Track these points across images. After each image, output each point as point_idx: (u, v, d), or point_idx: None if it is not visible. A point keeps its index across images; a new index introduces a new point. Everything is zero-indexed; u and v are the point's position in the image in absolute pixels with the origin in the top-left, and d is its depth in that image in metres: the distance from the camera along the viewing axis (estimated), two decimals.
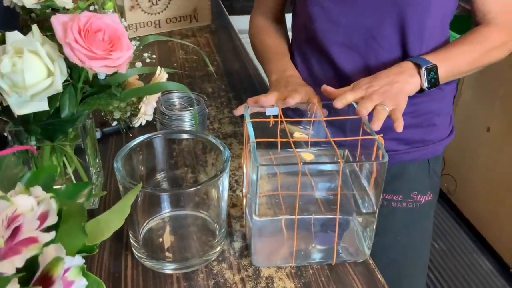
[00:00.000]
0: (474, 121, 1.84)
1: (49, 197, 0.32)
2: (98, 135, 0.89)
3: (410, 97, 0.84)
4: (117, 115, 0.68)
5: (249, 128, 0.62)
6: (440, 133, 0.90)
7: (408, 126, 0.87)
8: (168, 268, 0.62)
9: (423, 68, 0.73)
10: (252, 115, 0.66)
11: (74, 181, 0.72)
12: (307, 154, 0.77)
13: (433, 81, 0.75)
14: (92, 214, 0.53)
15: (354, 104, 0.68)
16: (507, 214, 1.75)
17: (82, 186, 0.37)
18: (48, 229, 0.29)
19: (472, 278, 1.80)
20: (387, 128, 0.67)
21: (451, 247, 1.94)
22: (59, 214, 0.31)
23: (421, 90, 0.75)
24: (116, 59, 0.53)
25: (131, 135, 0.90)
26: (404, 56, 0.81)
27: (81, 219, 0.31)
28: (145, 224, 0.67)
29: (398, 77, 0.72)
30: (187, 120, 0.90)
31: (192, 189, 0.57)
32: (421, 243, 0.95)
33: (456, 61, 0.78)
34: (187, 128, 0.90)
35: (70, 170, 0.71)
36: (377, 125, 0.64)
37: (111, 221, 0.35)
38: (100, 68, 0.52)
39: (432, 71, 0.73)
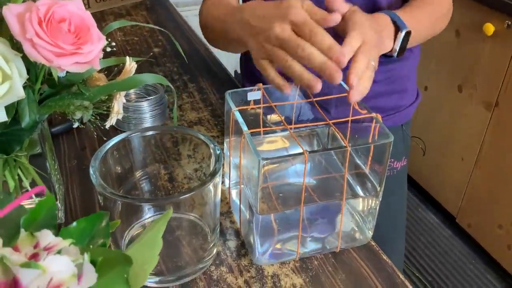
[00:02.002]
0: None
1: (69, 245, 0.25)
2: None
3: (384, 63, 0.81)
4: (78, 115, 0.60)
5: (238, 117, 0.56)
6: (410, 97, 0.90)
7: (383, 93, 0.85)
8: (163, 280, 0.56)
9: (403, 32, 0.67)
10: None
11: (33, 195, 0.63)
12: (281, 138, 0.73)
13: (403, 48, 0.71)
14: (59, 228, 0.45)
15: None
16: (448, 166, 1.83)
17: (95, 218, 0.30)
18: None
19: (420, 232, 1.87)
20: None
21: None
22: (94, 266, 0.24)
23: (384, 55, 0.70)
24: (88, 54, 0.44)
25: (80, 133, 0.81)
26: None
27: (125, 269, 0.24)
28: (125, 234, 0.60)
29: (381, 36, 0.65)
30: (147, 111, 0.82)
31: (184, 196, 0.51)
32: (400, 207, 0.96)
33: (419, 25, 0.75)
34: (148, 120, 0.82)
35: (27, 183, 0.62)
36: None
37: (144, 260, 0.28)
38: (70, 66, 0.43)
39: (408, 36, 0.69)
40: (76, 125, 0.69)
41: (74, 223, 0.29)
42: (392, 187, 0.92)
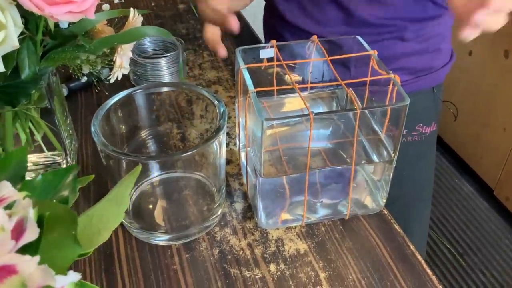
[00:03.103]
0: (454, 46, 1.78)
1: (23, 198, 0.24)
2: (64, 92, 0.79)
3: (416, 20, 0.76)
4: (86, 69, 0.58)
5: (246, 75, 0.54)
6: (443, 58, 0.84)
7: (415, 52, 0.80)
8: (165, 239, 0.56)
9: None
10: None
11: (45, 149, 0.64)
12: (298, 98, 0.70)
13: None
14: None
15: (360, 39, 0.60)
16: (489, 136, 1.75)
17: (62, 172, 0.29)
18: (27, 249, 0.21)
19: (454, 202, 1.81)
20: (392, 56, 0.59)
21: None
22: (40, 222, 0.23)
23: None
24: (82, 3, 0.42)
25: (99, 90, 0.80)
26: None
27: (71, 226, 0.23)
28: (132, 192, 0.60)
29: None
30: (165, 68, 0.80)
31: (186, 153, 0.49)
32: (427, 174, 0.92)
33: None
34: (166, 77, 0.81)
35: (38, 137, 0.62)
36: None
37: (108, 216, 0.27)
38: (63, 16, 0.42)
39: None
40: (84, 79, 0.68)
41: (40, 176, 0.28)
42: (420, 153, 0.88)
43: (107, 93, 0.77)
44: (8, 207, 0.24)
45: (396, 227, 0.57)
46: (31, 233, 0.21)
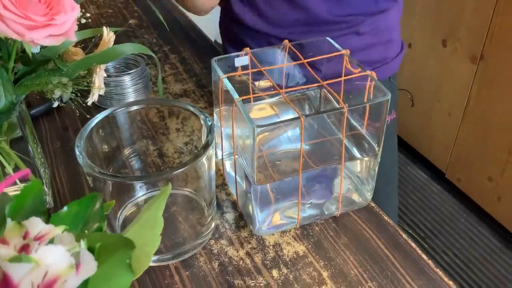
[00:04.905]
0: None
1: (76, 236, 0.23)
2: None
3: (370, 14, 0.79)
4: (57, 93, 0.56)
5: (228, 85, 0.54)
6: (396, 48, 0.88)
7: (370, 45, 0.83)
8: (162, 259, 0.54)
9: None
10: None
11: (17, 181, 0.60)
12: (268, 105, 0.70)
13: None
14: (48, 214, 0.43)
15: (330, 40, 0.62)
16: (436, 123, 1.83)
17: (86, 202, 0.27)
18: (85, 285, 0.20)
19: (410, 189, 1.89)
20: (349, 51, 0.60)
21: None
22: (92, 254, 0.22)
23: None
24: (62, 25, 0.41)
25: (61, 114, 0.77)
26: None
27: (126, 254, 0.22)
28: (118, 214, 0.58)
29: None
30: (129, 85, 0.78)
31: (178, 170, 0.48)
32: (391, 162, 0.95)
33: None
34: (131, 94, 0.79)
35: (10, 169, 0.59)
36: None
37: (144, 241, 0.26)
38: (44, 40, 0.40)
39: None
40: (56, 104, 0.65)
41: (65, 208, 0.27)
42: (383, 142, 0.91)
43: (77, 114, 0.75)
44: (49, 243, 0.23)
45: (385, 218, 0.59)
46: (89, 267, 0.20)
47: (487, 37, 1.52)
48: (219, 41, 1.00)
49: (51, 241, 0.23)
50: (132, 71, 0.78)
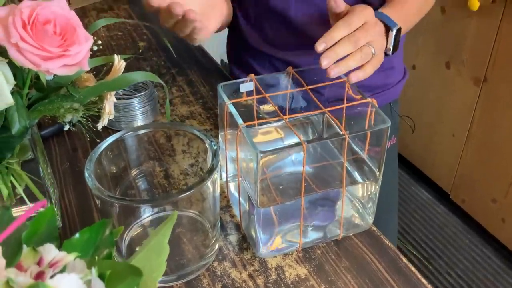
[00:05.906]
0: None
1: (88, 262, 0.24)
2: None
3: None
4: (68, 117, 0.58)
5: (233, 110, 0.55)
6: (398, 75, 0.89)
7: None
8: (165, 280, 0.56)
9: (394, 31, 0.65)
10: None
11: (27, 201, 0.62)
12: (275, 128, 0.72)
13: (396, 45, 0.69)
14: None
15: None
16: (440, 144, 1.84)
17: (97, 228, 0.29)
18: None
19: (414, 210, 1.89)
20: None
21: None
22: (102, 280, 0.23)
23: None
24: (75, 55, 0.43)
25: (70, 135, 0.79)
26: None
27: (134, 281, 0.23)
28: (125, 235, 0.60)
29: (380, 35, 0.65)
30: (138, 108, 0.80)
31: (183, 194, 0.50)
32: (391, 186, 0.96)
33: (408, 16, 0.73)
34: (139, 117, 0.81)
35: (20, 190, 0.61)
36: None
37: (150, 266, 0.28)
38: (59, 69, 0.42)
39: (399, 32, 0.68)
40: (67, 127, 0.67)
41: (77, 235, 0.28)
42: (384, 166, 0.92)
43: (87, 137, 0.77)
44: (61, 271, 0.24)
45: (386, 242, 0.60)
46: None
47: (490, 59, 1.53)
48: (225, 60, 1.02)
49: (64, 268, 0.24)
50: (141, 93, 0.80)
